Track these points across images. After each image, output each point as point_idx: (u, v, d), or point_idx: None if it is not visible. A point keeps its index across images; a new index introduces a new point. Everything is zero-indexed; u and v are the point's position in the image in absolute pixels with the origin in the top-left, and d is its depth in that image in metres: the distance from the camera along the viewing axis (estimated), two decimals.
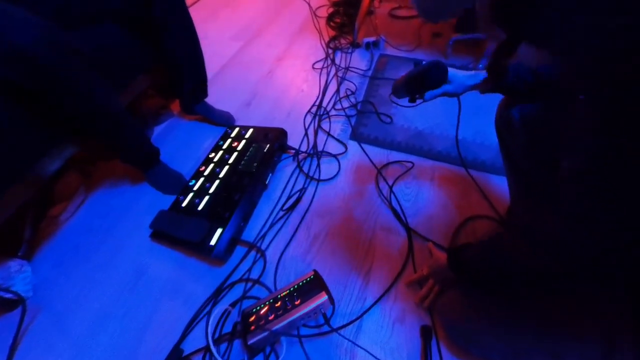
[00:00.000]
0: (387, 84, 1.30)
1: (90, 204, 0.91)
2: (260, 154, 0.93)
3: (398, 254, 0.80)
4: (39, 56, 0.54)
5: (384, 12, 1.78)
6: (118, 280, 0.76)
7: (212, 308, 0.71)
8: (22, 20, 0.53)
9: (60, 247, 0.82)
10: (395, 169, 0.98)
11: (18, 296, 0.66)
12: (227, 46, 1.51)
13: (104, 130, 0.72)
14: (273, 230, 0.85)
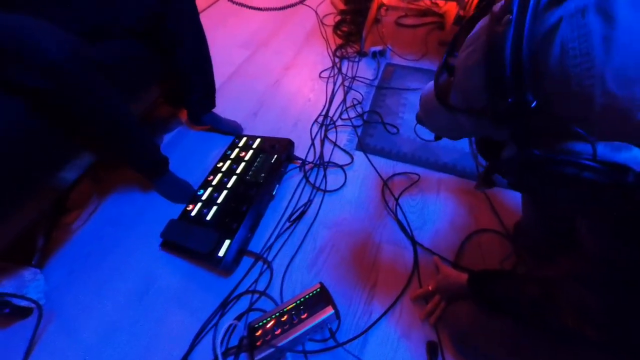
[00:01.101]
0: (394, 93, 1.30)
1: (102, 212, 0.93)
2: (268, 164, 0.94)
3: (404, 267, 0.80)
4: (70, 70, 0.56)
5: (390, 20, 1.79)
6: (128, 289, 0.78)
7: (220, 320, 0.72)
8: (57, 36, 0.56)
9: (73, 255, 0.84)
10: (402, 181, 0.99)
11: (35, 303, 0.68)
12: (235, 54, 1.53)
13: (117, 140, 0.74)
14: (279, 241, 0.85)
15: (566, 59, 0.24)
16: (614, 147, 0.25)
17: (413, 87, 1.33)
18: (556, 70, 0.24)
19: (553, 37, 0.24)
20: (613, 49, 0.22)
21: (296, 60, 1.51)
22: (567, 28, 0.24)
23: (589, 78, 0.23)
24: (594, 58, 0.23)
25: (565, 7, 0.24)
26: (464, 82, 0.35)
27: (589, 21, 0.23)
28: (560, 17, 0.24)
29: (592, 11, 0.23)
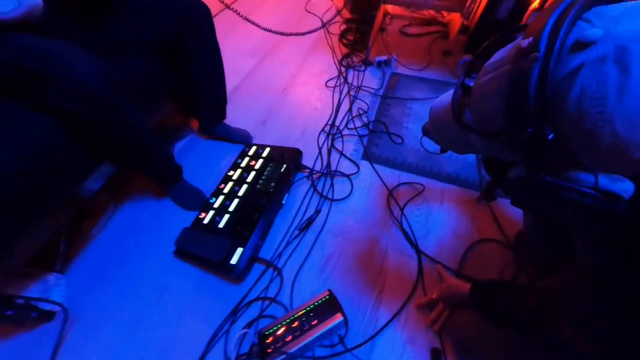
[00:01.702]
0: (398, 103, 1.34)
1: (118, 219, 0.96)
2: (278, 174, 0.97)
3: (409, 275, 0.83)
4: (101, 95, 0.61)
5: (394, 29, 1.82)
6: (144, 295, 0.81)
7: (231, 326, 0.75)
8: (87, 60, 0.60)
9: (91, 261, 0.87)
10: (406, 190, 1.02)
11: (61, 306, 0.71)
12: (243, 62, 1.57)
13: (137, 152, 0.77)
14: (289, 249, 0.89)
15: (584, 100, 0.26)
16: (613, 179, 0.28)
17: (417, 97, 1.36)
18: (574, 108, 0.27)
19: (574, 79, 0.27)
20: (625, 97, 0.25)
21: (303, 69, 1.54)
22: (588, 73, 0.26)
23: (601, 120, 0.26)
24: (608, 103, 0.25)
25: (588, 54, 0.26)
26: (481, 105, 0.38)
27: (607, 70, 0.25)
28: (583, 62, 0.26)
29: (611, 61, 0.25)
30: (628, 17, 0.26)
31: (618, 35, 0.25)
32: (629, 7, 0.28)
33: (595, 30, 0.26)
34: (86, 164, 0.70)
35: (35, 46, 0.57)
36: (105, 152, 0.74)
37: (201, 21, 0.82)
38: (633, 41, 0.24)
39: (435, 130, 0.55)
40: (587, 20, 0.28)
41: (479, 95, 0.38)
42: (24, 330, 0.74)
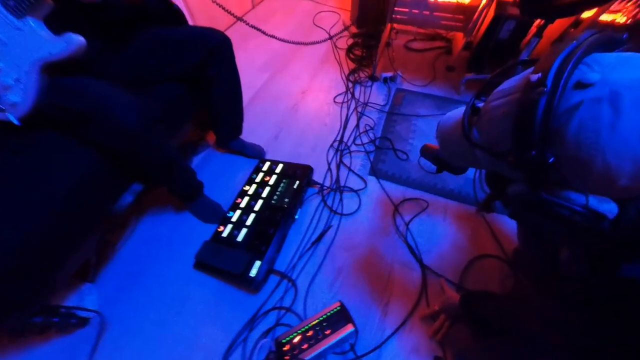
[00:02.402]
0: (404, 120, 1.40)
1: (140, 232, 1.03)
2: (291, 190, 1.04)
3: (413, 287, 0.89)
4: (140, 133, 0.68)
5: (400, 43, 1.89)
6: (167, 304, 0.88)
7: (249, 335, 0.82)
8: (127, 103, 0.67)
9: (117, 271, 0.94)
10: (411, 206, 1.08)
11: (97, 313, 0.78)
12: (255, 77, 1.63)
13: (166, 174, 0.84)
14: (302, 261, 0.95)
15: (581, 132, 0.31)
16: (600, 200, 0.34)
17: (422, 113, 1.43)
18: (573, 138, 0.32)
19: (574, 113, 0.32)
20: (615, 133, 0.30)
21: (312, 84, 1.61)
22: (586, 110, 0.31)
23: (595, 149, 0.31)
24: (601, 136, 0.30)
25: (587, 94, 0.31)
26: (490, 126, 0.42)
27: (602, 109, 0.30)
28: (582, 100, 0.31)
29: (606, 102, 0.30)
30: (622, 66, 0.32)
31: (613, 81, 0.30)
32: (623, 57, 0.33)
33: (594, 75, 0.31)
34: (122, 185, 0.77)
35: (83, 90, 0.65)
36: (138, 175, 0.81)
37: (223, 51, 0.89)
38: (624, 88, 0.30)
39: (443, 144, 0.60)
40: (587, 65, 0.33)
41: (489, 117, 0.42)
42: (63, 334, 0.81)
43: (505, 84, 0.42)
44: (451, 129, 0.54)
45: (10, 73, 0.65)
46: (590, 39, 0.34)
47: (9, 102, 0.67)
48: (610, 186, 0.32)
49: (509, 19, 1.38)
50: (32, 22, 0.65)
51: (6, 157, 0.70)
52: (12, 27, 0.63)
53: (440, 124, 0.58)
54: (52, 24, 0.67)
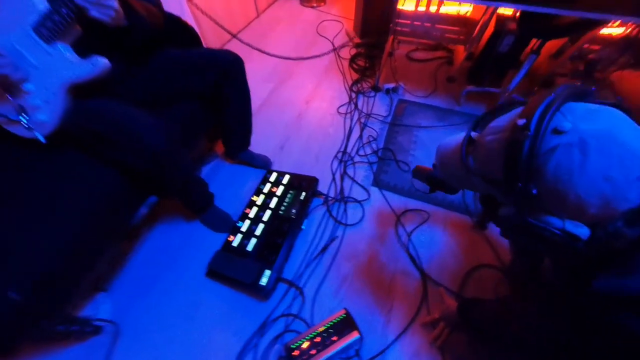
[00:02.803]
0: (405, 131, 1.45)
1: (151, 240, 1.08)
2: (298, 201, 1.09)
3: (415, 295, 0.94)
4: (163, 154, 0.73)
5: (402, 53, 1.93)
6: (180, 311, 0.93)
7: (260, 340, 0.86)
8: (153, 126, 0.72)
9: (130, 280, 0.99)
10: (413, 216, 1.13)
11: (112, 323, 0.83)
12: (261, 88, 1.68)
13: (182, 188, 0.89)
14: (308, 270, 1.00)
15: (557, 171, 0.37)
16: (575, 224, 0.39)
17: (423, 124, 1.48)
18: (551, 175, 0.38)
19: (552, 154, 0.37)
20: (584, 173, 0.35)
21: (316, 94, 1.66)
22: (561, 153, 0.37)
23: (569, 185, 0.36)
24: (573, 175, 0.36)
25: (562, 139, 0.37)
26: (484, 157, 0.48)
27: (573, 153, 0.36)
28: (558, 144, 0.37)
29: (576, 147, 0.36)
30: (589, 117, 0.37)
31: (582, 130, 0.36)
32: (590, 109, 0.39)
33: (567, 124, 0.37)
34: (140, 200, 0.82)
35: (110, 113, 0.70)
36: (155, 190, 0.86)
37: (236, 71, 0.94)
38: (590, 136, 0.35)
39: (443, 168, 0.65)
40: (562, 114, 0.39)
41: (483, 150, 0.48)
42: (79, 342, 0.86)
43: (498, 121, 0.48)
44: (450, 154, 0.59)
45: (40, 94, 0.70)
46: (566, 91, 0.39)
47: (37, 121, 0.71)
48: (582, 214, 0.37)
49: (508, 34, 1.43)
50: (61, 47, 0.69)
51: (32, 175, 0.75)
52: (43, 52, 0.68)
53: (440, 149, 0.64)
54: (79, 48, 0.72)
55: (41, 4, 0.63)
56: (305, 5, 2.43)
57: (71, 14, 0.65)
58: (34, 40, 0.67)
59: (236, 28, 2.12)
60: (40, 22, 0.64)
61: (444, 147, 0.64)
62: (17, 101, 0.69)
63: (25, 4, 0.64)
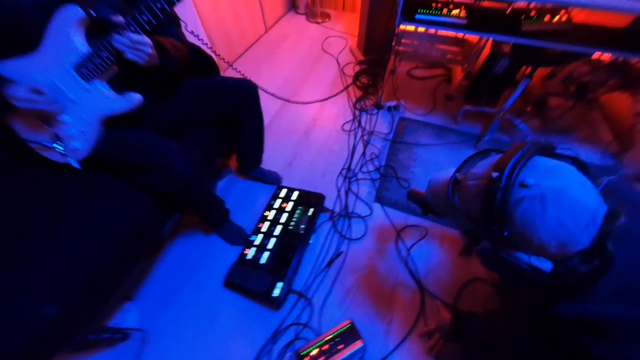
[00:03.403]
0: (406, 148, 1.54)
1: (173, 252, 1.17)
2: (306, 217, 1.18)
3: (413, 307, 1.03)
4: (188, 180, 0.82)
5: (403, 70, 2.02)
6: (200, 319, 1.02)
7: (272, 347, 0.95)
8: (178, 154, 0.81)
9: (154, 290, 1.08)
10: (412, 232, 1.22)
11: (141, 331, 0.92)
12: (269, 105, 1.76)
13: (203, 208, 0.98)
14: (316, 282, 1.09)
15: (523, 218, 0.45)
16: (540, 260, 0.47)
17: (422, 142, 1.57)
18: (519, 221, 0.46)
19: (519, 204, 0.45)
20: (544, 221, 0.43)
21: (322, 112, 1.75)
22: (526, 204, 0.45)
23: (533, 230, 0.45)
24: (535, 222, 0.44)
25: (526, 192, 0.45)
26: (467, 199, 0.57)
27: (535, 204, 0.44)
28: (524, 196, 0.45)
29: (538, 200, 0.44)
30: (549, 174, 0.46)
31: (542, 186, 0.44)
32: (550, 166, 0.47)
33: (531, 179, 0.45)
34: (167, 217, 0.91)
35: (142, 144, 0.78)
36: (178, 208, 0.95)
37: (252, 98, 1.03)
38: (549, 192, 0.43)
39: (433, 200, 0.74)
40: (528, 169, 0.47)
41: (466, 192, 0.57)
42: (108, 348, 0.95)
43: (479, 167, 0.56)
44: (439, 189, 0.68)
45: (76, 125, 0.78)
46: (532, 148, 0.48)
47: (72, 148, 0.80)
48: (545, 252, 0.46)
49: (503, 57, 1.52)
50: (99, 84, 0.77)
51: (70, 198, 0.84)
52: (82, 89, 0.76)
53: (431, 183, 0.73)
54: (114, 84, 0.80)
55: (83, 47, 0.71)
56: (310, 21, 2.53)
57: (110, 57, 0.72)
58: (74, 79, 0.74)
59: (246, 43, 2.21)
60: (81, 63, 0.71)
61: (434, 182, 0.72)
62: (53, 130, 0.78)
63: (68, 46, 0.70)
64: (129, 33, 0.67)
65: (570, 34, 1.10)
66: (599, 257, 0.41)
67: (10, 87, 0.67)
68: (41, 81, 0.71)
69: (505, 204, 0.46)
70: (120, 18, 0.66)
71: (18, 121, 0.76)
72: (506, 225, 0.47)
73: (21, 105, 0.68)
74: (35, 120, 0.76)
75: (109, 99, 0.78)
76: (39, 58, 0.71)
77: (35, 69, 0.72)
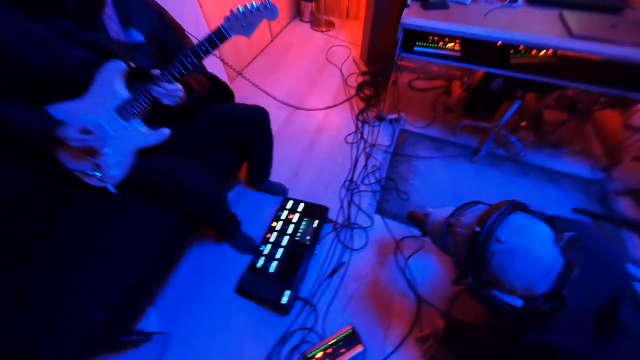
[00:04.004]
0: (406, 161, 1.62)
1: (189, 261, 1.26)
2: (312, 229, 1.27)
3: (410, 314, 1.12)
4: (212, 201, 0.91)
5: (404, 81, 2.09)
6: (215, 323, 1.11)
7: (281, 350, 1.05)
8: (202, 179, 0.90)
9: (172, 296, 1.17)
10: (410, 243, 1.31)
11: (164, 334, 1.01)
12: (276, 114, 1.85)
13: (222, 223, 1.07)
14: (320, 290, 1.18)
15: (498, 267, 0.55)
16: (512, 298, 0.56)
17: (422, 155, 1.65)
18: (494, 269, 0.55)
19: (495, 255, 0.55)
20: (513, 270, 0.53)
21: (326, 124, 1.82)
22: (500, 256, 0.55)
23: (505, 277, 0.54)
24: (507, 271, 0.54)
25: (500, 246, 0.55)
26: (456, 244, 0.67)
27: (506, 257, 0.53)
28: (498, 249, 0.55)
29: (508, 254, 0.53)
30: (519, 233, 0.55)
31: (512, 242, 0.54)
32: (522, 225, 0.56)
33: (504, 237, 0.55)
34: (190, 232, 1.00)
35: (172, 172, 0.87)
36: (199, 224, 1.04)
37: (264, 122, 1.12)
38: (516, 248, 0.53)
39: (431, 234, 0.84)
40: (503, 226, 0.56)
41: (455, 238, 0.67)
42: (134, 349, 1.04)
43: (467, 217, 0.66)
44: (436, 227, 0.79)
45: (115, 157, 0.87)
46: (508, 210, 0.58)
47: (109, 176, 0.89)
48: (515, 293, 0.56)
49: (499, 77, 1.59)
50: (135, 123, 0.86)
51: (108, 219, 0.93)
52: (122, 127, 0.85)
53: (430, 219, 0.82)
54: (148, 121, 0.88)
55: (124, 93, 0.80)
56: (315, 29, 2.59)
57: (147, 102, 0.81)
58: (115, 119, 0.83)
59: (254, 53, 2.28)
60: (122, 106, 0.81)
61: (432, 219, 0.82)
62: (94, 160, 0.87)
63: (112, 93, 0.80)
64: (165, 83, 0.76)
65: (554, 67, 1.19)
66: (557, 299, 0.51)
67: (62, 129, 0.75)
68: (89, 122, 0.80)
69: (485, 254, 0.56)
70: (157, 72, 0.75)
71: (64, 153, 0.85)
72: (485, 270, 0.57)
73: (74, 145, 0.77)
74: (80, 153, 0.84)
75: (143, 134, 0.87)
76: (87, 103, 0.80)
77: (84, 112, 0.81)
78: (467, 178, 1.54)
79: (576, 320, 0.51)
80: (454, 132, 1.77)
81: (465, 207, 0.71)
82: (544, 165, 1.60)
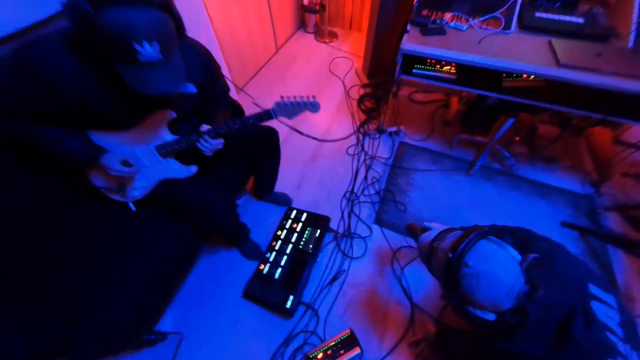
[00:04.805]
0: (404, 173, 1.70)
1: (199, 267, 1.35)
2: (314, 237, 1.36)
3: (404, 320, 1.21)
4: (227, 217, 1.00)
5: (404, 94, 2.18)
6: (224, 325, 1.20)
7: (285, 351, 1.14)
8: (221, 200, 0.99)
9: (184, 299, 1.26)
10: (407, 252, 1.39)
11: (179, 334, 1.11)
12: (280, 127, 1.92)
13: (233, 233, 1.17)
14: (321, 295, 1.27)
15: (467, 287, 0.63)
16: (484, 312, 0.64)
17: (419, 167, 1.73)
18: (465, 289, 0.64)
19: (465, 278, 0.63)
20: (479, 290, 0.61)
21: (328, 134, 1.91)
22: (468, 278, 0.64)
23: (474, 294, 0.62)
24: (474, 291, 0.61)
25: (468, 270, 0.62)
26: (437, 266, 0.74)
27: (473, 279, 0.61)
28: (467, 272, 0.63)
29: (475, 277, 0.61)
30: (484, 259, 0.63)
31: (478, 267, 0.62)
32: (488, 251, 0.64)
33: (471, 262, 0.63)
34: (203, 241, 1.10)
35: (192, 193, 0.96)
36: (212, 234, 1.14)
37: (274, 141, 1.21)
38: (481, 272, 0.61)
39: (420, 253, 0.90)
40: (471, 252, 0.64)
41: (436, 261, 0.75)
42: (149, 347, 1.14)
43: (445, 242, 0.74)
44: (423, 249, 0.86)
45: (142, 182, 0.96)
46: (476, 237, 0.66)
47: (131, 196, 0.98)
48: (485, 308, 0.64)
49: None
50: (171, 161, 0.96)
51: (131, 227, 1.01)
52: (157, 161, 0.94)
53: (419, 242, 0.90)
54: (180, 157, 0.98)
55: (168, 137, 0.90)
56: (319, 40, 2.67)
57: (187, 147, 0.90)
58: (153, 154, 0.92)
59: (259, 64, 2.37)
60: (162, 145, 0.90)
61: (421, 241, 0.90)
62: (121, 183, 0.95)
63: (158, 134, 0.90)
64: (209, 138, 0.86)
65: (544, 89, 1.27)
66: (521, 314, 0.59)
67: (105, 157, 0.82)
68: (128, 153, 0.86)
69: (456, 276, 0.64)
70: (205, 127, 0.85)
71: (97, 175, 0.92)
72: (457, 290, 0.66)
73: (114, 174, 0.84)
74: (113, 178, 0.92)
75: (175, 169, 0.97)
76: (131, 135, 0.87)
77: (125, 143, 0.88)
78: (463, 191, 1.63)
79: (539, 332, 0.60)
80: (451, 145, 1.85)
81: (446, 232, 0.79)
82: (536, 179, 1.68)
